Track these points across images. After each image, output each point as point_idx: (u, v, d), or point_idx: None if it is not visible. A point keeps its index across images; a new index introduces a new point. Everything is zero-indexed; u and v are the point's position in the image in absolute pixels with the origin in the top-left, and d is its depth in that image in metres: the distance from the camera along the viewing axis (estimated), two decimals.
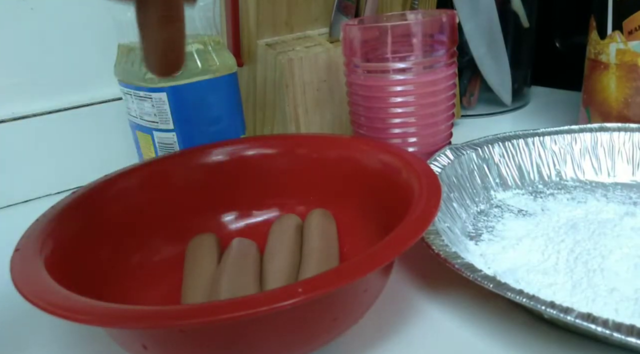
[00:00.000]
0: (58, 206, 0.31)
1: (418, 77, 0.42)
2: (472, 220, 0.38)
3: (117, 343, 0.25)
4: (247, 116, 0.56)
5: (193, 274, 0.32)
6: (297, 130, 0.51)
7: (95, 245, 0.31)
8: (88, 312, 0.20)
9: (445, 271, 0.33)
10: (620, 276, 0.29)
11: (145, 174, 0.36)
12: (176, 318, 0.20)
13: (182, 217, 0.37)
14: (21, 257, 0.25)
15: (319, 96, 0.51)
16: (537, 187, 0.42)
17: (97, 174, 0.35)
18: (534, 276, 0.31)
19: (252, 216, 0.39)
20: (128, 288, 0.31)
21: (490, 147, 0.43)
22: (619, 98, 0.48)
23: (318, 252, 0.32)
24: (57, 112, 0.54)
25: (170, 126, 0.44)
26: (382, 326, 0.29)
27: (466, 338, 0.28)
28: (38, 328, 0.32)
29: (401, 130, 0.44)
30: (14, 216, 0.51)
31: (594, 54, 0.50)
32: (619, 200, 0.39)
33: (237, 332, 0.22)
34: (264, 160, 0.39)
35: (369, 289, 0.26)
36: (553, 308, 0.23)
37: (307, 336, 0.25)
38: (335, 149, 0.38)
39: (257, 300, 0.20)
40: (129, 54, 0.45)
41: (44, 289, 0.22)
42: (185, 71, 0.43)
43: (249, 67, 0.53)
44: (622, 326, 0.22)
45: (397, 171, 0.32)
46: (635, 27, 0.45)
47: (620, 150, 0.43)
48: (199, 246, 0.35)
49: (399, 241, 0.23)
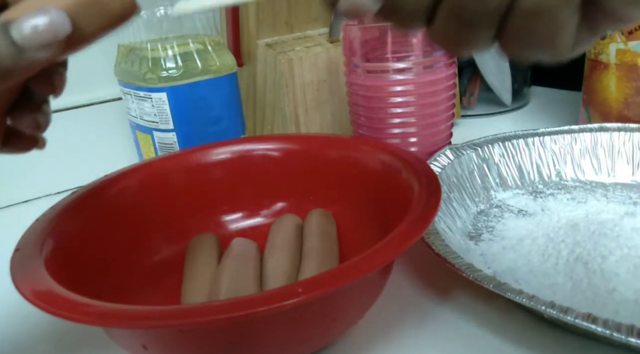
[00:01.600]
0: (58, 206, 0.31)
1: (418, 77, 0.42)
2: (472, 220, 0.38)
3: (117, 343, 0.25)
4: (247, 116, 0.56)
5: (193, 274, 0.32)
6: (297, 130, 0.51)
7: (95, 245, 0.31)
8: (88, 312, 0.20)
9: (445, 271, 0.33)
10: (620, 277, 0.29)
11: (145, 174, 0.36)
12: (176, 318, 0.20)
13: (182, 217, 0.37)
14: (21, 257, 0.25)
15: (319, 96, 0.51)
16: (537, 187, 0.42)
17: (97, 174, 0.35)
18: (534, 276, 0.31)
19: (252, 216, 0.39)
20: (128, 288, 0.31)
21: (490, 147, 0.43)
22: (619, 98, 0.48)
23: (318, 252, 0.32)
24: (57, 112, 0.54)
25: (170, 126, 0.44)
26: (382, 326, 0.29)
27: (466, 338, 0.28)
28: (38, 328, 0.32)
29: (401, 130, 0.44)
30: (14, 216, 0.51)
31: (594, 54, 0.50)
32: (619, 200, 0.39)
33: (236, 332, 0.22)
34: (264, 160, 0.39)
35: (368, 289, 0.26)
36: (553, 308, 0.23)
37: (307, 336, 0.25)
38: (335, 149, 0.37)
39: (257, 300, 0.20)
40: (129, 54, 0.45)
41: (44, 289, 0.22)
42: (186, 71, 0.43)
43: (249, 67, 0.53)
44: (622, 326, 0.22)
45: (397, 171, 0.32)
46: (635, 27, 0.45)
47: (620, 150, 0.43)
48: (199, 246, 0.35)
49: (399, 241, 0.23)
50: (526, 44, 0.17)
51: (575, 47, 0.17)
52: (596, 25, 0.17)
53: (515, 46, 0.17)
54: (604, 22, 0.17)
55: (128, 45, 0.45)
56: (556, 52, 0.17)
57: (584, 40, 0.18)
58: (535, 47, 0.17)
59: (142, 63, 0.43)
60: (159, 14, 0.44)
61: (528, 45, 0.17)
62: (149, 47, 0.43)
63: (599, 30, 0.17)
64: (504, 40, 0.17)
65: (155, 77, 0.43)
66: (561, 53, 0.17)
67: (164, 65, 0.43)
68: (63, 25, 0.19)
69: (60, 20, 0.19)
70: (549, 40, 0.17)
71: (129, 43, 0.45)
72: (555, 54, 0.17)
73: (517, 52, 0.17)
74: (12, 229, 0.30)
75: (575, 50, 0.18)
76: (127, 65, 0.45)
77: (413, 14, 0.17)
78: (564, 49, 0.17)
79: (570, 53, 0.18)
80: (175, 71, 0.43)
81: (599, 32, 0.18)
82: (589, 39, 0.18)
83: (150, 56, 0.43)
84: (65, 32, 0.19)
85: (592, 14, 0.17)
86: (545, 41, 0.17)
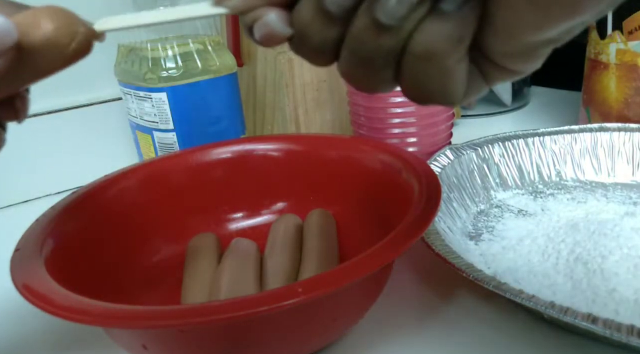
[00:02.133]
0: (58, 206, 0.31)
1: None
2: (472, 220, 0.38)
3: (117, 343, 0.25)
4: (247, 116, 0.56)
5: (193, 274, 0.32)
6: (297, 130, 0.51)
7: (95, 245, 0.31)
8: (88, 312, 0.20)
9: (445, 271, 0.33)
10: (620, 277, 0.29)
11: (145, 174, 0.36)
12: (176, 318, 0.20)
13: (182, 217, 0.37)
14: (21, 257, 0.25)
15: (319, 96, 0.51)
16: (537, 187, 0.42)
17: (97, 174, 0.35)
18: (534, 276, 0.31)
19: (252, 216, 0.39)
20: (128, 288, 0.31)
21: (490, 147, 0.43)
22: (619, 98, 0.48)
23: (318, 252, 0.32)
24: (57, 112, 0.54)
25: (170, 126, 0.44)
26: (382, 326, 0.29)
27: (466, 338, 0.28)
28: (38, 328, 0.32)
29: (401, 130, 0.44)
30: (14, 216, 0.51)
31: (594, 54, 0.50)
32: (619, 200, 0.39)
33: (236, 332, 0.22)
34: (264, 160, 0.39)
35: (368, 289, 0.26)
36: (553, 308, 0.23)
37: (307, 336, 0.25)
38: (335, 149, 0.37)
39: (257, 300, 0.20)
40: (129, 54, 0.45)
41: (44, 289, 0.22)
42: (186, 71, 0.43)
43: (249, 67, 0.53)
44: (622, 326, 0.22)
45: (397, 171, 0.32)
46: (635, 27, 0.45)
47: (620, 150, 0.43)
48: (199, 246, 0.35)
49: (399, 241, 0.23)
50: (421, 87, 0.17)
51: (469, 93, 0.18)
52: (487, 74, 0.18)
53: (412, 88, 0.18)
54: (494, 72, 0.18)
55: (128, 45, 0.45)
56: (448, 97, 0.18)
57: (477, 88, 0.18)
58: (430, 91, 0.18)
59: (142, 63, 0.43)
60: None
61: (423, 89, 0.18)
62: (149, 47, 0.43)
63: (492, 78, 0.18)
64: (402, 82, 0.18)
65: (155, 77, 0.43)
66: (454, 99, 0.18)
67: (164, 65, 0.43)
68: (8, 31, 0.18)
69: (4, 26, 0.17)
70: (440, 85, 0.17)
71: (129, 43, 0.45)
72: (448, 100, 0.18)
73: (414, 94, 0.18)
74: (12, 229, 0.30)
75: (469, 97, 0.18)
76: (127, 65, 0.45)
77: (320, 46, 0.18)
78: (456, 95, 0.18)
79: (464, 100, 0.18)
80: (175, 71, 0.43)
81: (492, 81, 0.18)
82: (481, 86, 0.18)
83: (150, 56, 0.43)
84: (12, 40, 0.18)
85: (481, 62, 0.17)
86: (437, 85, 0.17)
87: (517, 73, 0.18)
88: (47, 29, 0.18)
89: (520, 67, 0.17)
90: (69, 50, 0.19)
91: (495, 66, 0.17)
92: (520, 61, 0.17)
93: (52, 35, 0.19)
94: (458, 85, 0.17)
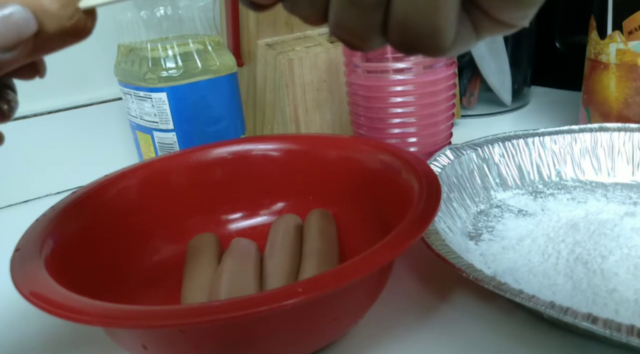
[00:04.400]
0: (58, 206, 0.31)
1: (418, 77, 0.42)
2: (472, 220, 0.38)
3: (117, 343, 0.25)
4: (247, 116, 0.56)
5: (193, 274, 0.32)
6: (297, 130, 0.51)
7: (95, 245, 0.31)
8: (88, 312, 0.20)
9: (445, 271, 0.33)
10: (620, 277, 0.29)
11: (145, 174, 0.36)
12: (176, 318, 0.20)
13: (182, 217, 0.37)
14: (21, 257, 0.25)
15: (319, 96, 0.51)
16: (537, 187, 0.42)
17: (97, 174, 0.35)
18: (534, 276, 0.31)
19: (252, 216, 0.39)
20: (128, 288, 0.31)
21: (490, 147, 0.43)
22: (619, 98, 0.48)
23: (318, 252, 0.32)
24: (57, 112, 0.54)
25: (170, 126, 0.44)
26: (382, 326, 0.29)
27: (466, 338, 0.28)
28: (38, 328, 0.32)
29: (401, 130, 0.44)
30: (14, 216, 0.51)
31: (594, 54, 0.50)
32: (619, 200, 0.39)
33: (237, 332, 0.22)
34: (264, 160, 0.39)
35: (368, 289, 0.26)
36: (553, 308, 0.23)
37: (307, 336, 0.25)
38: (335, 149, 0.37)
39: (257, 300, 0.20)
40: (129, 54, 0.45)
41: (44, 289, 0.22)
42: (186, 71, 0.43)
43: (249, 67, 0.53)
44: (622, 326, 0.22)
45: (397, 171, 0.32)
46: (635, 27, 0.45)
47: (620, 150, 0.43)
48: (199, 246, 0.35)
49: (399, 241, 0.23)
50: (410, 27, 0.17)
51: (457, 42, 0.18)
52: (477, 24, 0.18)
53: (400, 32, 0.18)
54: (484, 21, 0.18)
55: (128, 45, 0.45)
56: (437, 39, 0.17)
57: (466, 38, 0.18)
58: (418, 32, 0.17)
59: (142, 63, 0.43)
60: (159, 14, 0.44)
61: (411, 30, 0.17)
62: (149, 47, 0.43)
63: (481, 29, 0.18)
64: (390, 28, 0.18)
65: (155, 77, 0.43)
66: (441, 42, 0.18)
67: (164, 65, 0.43)
68: (27, 22, 0.19)
69: (24, 16, 0.18)
70: (429, 21, 0.17)
71: (129, 43, 0.45)
72: (436, 43, 0.18)
73: (402, 38, 0.18)
74: (12, 229, 0.30)
75: (456, 47, 0.18)
76: (127, 65, 0.45)
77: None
78: (445, 38, 0.17)
79: (451, 49, 0.18)
80: (175, 71, 0.43)
81: (482, 32, 0.18)
82: (470, 37, 0.18)
83: (150, 56, 0.43)
84: (32, 31, 0.19)
85: (471, 11, 0.18)
86: (427, 22, 0.17)
87: (507, 25, 0.18)
88: (55, 11, 0.19)
89: (508, 15, 0.17)
90: (69, 27, 0.20)
91: (485, 15, 0.17)
92: (508, 7, 0.17)
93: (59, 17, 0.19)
94: (447, 24, 0.17)
